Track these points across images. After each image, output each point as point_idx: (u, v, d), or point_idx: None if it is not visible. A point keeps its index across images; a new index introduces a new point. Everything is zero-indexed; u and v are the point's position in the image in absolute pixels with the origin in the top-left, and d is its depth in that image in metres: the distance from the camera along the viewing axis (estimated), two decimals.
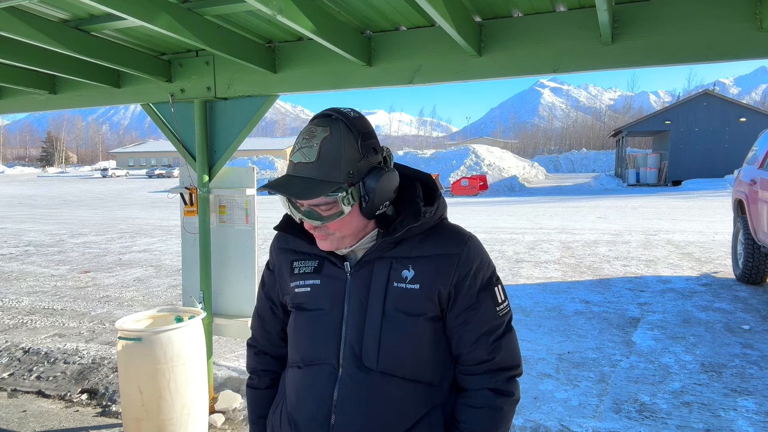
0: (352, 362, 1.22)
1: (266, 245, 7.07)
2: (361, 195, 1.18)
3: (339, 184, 1.15)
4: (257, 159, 48.07)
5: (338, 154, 1.14)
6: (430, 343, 1.24)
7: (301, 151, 1.16)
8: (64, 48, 2.89)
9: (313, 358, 1.27)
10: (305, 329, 1.29)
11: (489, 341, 1.25)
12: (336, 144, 1.14)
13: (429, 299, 1.22)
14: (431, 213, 1.25)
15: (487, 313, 1.25)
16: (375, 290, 1.23)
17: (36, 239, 12.92)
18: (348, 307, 1.24)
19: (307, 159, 1.15)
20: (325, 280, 1.27)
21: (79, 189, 38.77)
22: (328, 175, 1.14)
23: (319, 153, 1.14)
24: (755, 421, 3.53)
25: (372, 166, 1.18)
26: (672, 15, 2.53)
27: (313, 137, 1.15)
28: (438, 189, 1.32)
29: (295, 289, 1.31)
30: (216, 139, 3.59)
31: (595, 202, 21.37)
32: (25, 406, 3.95)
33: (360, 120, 1.19)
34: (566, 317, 5.88)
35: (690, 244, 10.64)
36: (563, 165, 55.80)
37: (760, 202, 6.54)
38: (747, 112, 31.13)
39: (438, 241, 1.25)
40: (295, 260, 1.33)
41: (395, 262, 1.24)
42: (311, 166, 1.14)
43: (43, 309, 6.67)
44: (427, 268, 1.23)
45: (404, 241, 1.24)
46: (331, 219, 1.18)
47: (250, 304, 3.64)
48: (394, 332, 1.21)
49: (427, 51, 2.96)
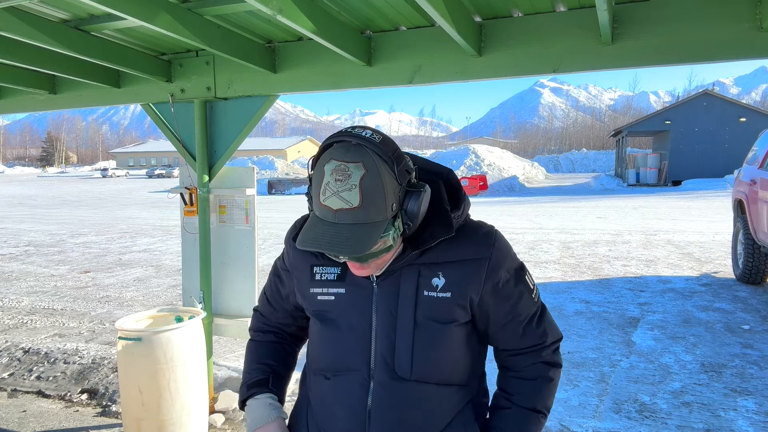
0: (384, 372, 1.19)
1: (266, 245, 7.06)
2: (404, 222, 1.11)
3: (386, 221, 1.07)
4: (257, 159, 48.06)
5: (381, 191, 1.04)
6: (462, 348, 1.24)
7: (339, 195, 1.03)
8: (64, 48, 2.88)
9: (341, 368, 1.23)
10: (331, 339, 1.25)
11: (535, 327, 1.28)
12: (376, 181, 1.04)
13: (461, 306, 1.21)
14: (459, 218, 1.21)
15: (527, 304, 1.27)
16: (404, 299, 1.19)
17: (36, 239, 12.92)
18: (376, 317, 1.20)
19: (350, 204, 1.03)
20: (350, 289, 1.22)
21: (79, 189, 38.77)
22: (375, 216, 1.05)
23: (361, 195, 1.03)
24: (755, 421, 3.53)
25: (406, 189, 1.11)
26: (672, 15, 2.53)
27: (348, 178, 1.03)
28: (461, 188, 1.24)
29: (318, 297, 1.25)
30: (216, 139, 3.59)
31: (595, 202, 21.37)
32: (25, 406, 3.94)
33: (387, 143, 1.08)
34: (566, 317, 5.88)
35: (690, 244, 10.64)
36: (563, 165, 55.78)
37: (760, 202, 6.54)
38: (747, 112, 31.11)
39: (465, 244, 1.21)
40: (316, 265, 1.26)
41: (423, 269, 1.20)
42: (356, 212, 1.03)
43: (43, 309, 6.67)
44: (457, 274, 1.20)
45: (431, 247, 1.20)
46: (378, 255, 1.12)
47: (250, 304, 3.64)
48: (427, 341, 1.19)
49: (427, 51, 2.96)
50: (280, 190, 30.48)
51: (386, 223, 1.07)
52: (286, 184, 30.95)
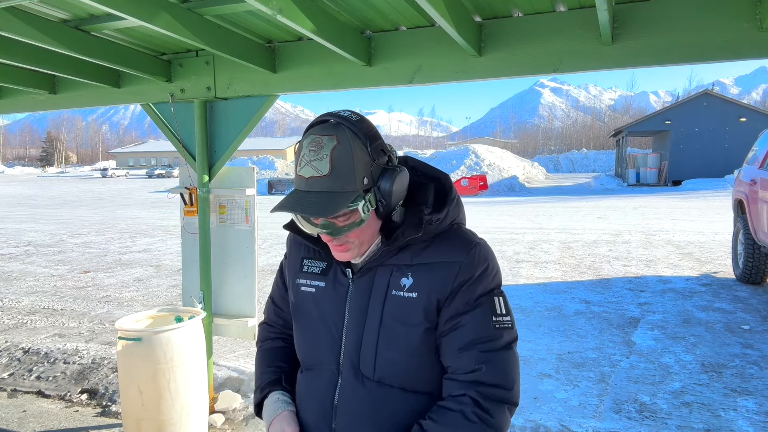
0: (350, 370, 1.20)
1: (266, 245, 7.06)
2: (378, 199, 1.15)
3: (356, 192, 1.11)
4: (257, 159, 48.11)
5: (351, 162, 1.10)
6: (428, 355, 1.19)
7: (311, 164, 1.10)
8: (64, 48, 2.88)
9: (313, 362, 1.26)
10: (306, 333, 1.29)
11: (478, 351, 1.15)
12: (347, 152, 1.09)
13: (426, 309, 1.17)
14: (438, 221, 1.19)
15: (481, 321, 1.16)
16: (375, 298, 1.20)
17: (36, 239, 12.92)
18: (348, 314, 1.22)
19: (320, 172, 1.09)
20: (330, 284, 1.26)
21: (79, 189, 38.77)
22: (345, 186, 1.10)
23: (331, 164, 1.09)
24: (755, 421, 3.53)
25: (383, 167, 1.15)
26: (672, 15, 2.53)
27: (321, 148, 1.09)
28: (452, 193, 1.24)
29: (301, 288, 1.30)
30: (216, 139, 3.59)
31: (595, 202, 21.37)
32: (25, 406, 3.94)
33: (363, 122, 1.15)
34: (566, 317, 5.88)
35: (690, 244, 10.64)
36: (563, 165, 55.77)
37: (760, 202, 6.54)
38: (747, 112, 31.11)
39: (441, 248, 1.19)
40: (306, 257, 1.32)
41: (396, 270, 1.20)
42: (326, 179, 1.09)
43: (43, 309, 6.67)
44: (427, 276, 1.17)
45: (408, 248, 1.20)
46: (350, 229, 1.14)
47: (250, 304, 3.64)
48: (391, 342, 1.18)
49: (427, 51, 2.96)
50: (280, 190, 30.49)
51: (356, 194, 1.11)
52: (286, 184, 30.95)
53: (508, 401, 1.15)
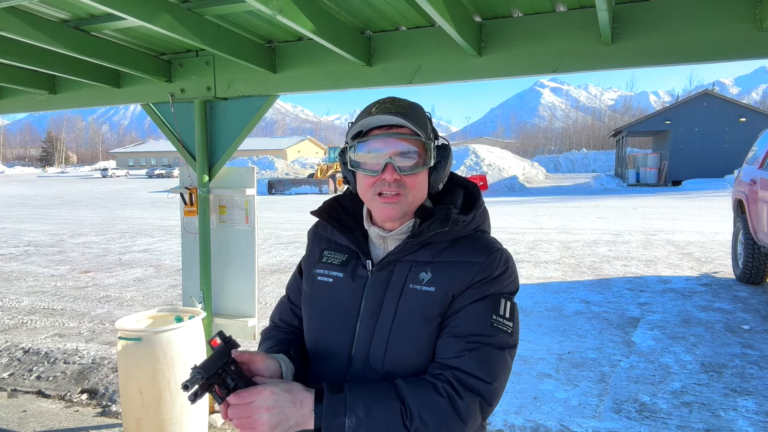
0: (360, 361, 1.22)
1: (266, 245, 7.08)
2: (436, 160, 1.24)
3: (427, 135, 1.21)
4: (257, 159, 48.09)
5: (423, 116, 1.23)
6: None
7: (392, 103, 1.20)
8: (64, 48, 2.88)
9: (324, 351, 1.27)
10: (320, 320, 1.29)
11: (466, 341, 1.14)
12: (420, 108, 1.24)
13: (442, 304, 1.18)
14: (464, 223, 1.22)
15: (479, 315, 1.15)
16: (391, 291, 1.21)
17: (36, 239, 12.92)
18: (365, 306, 1.23)
19: (400, 109, 1.19)
20: (348, 276, 1.27)
21: (79, 189, 38.76)
22: (419, 126, 1.19)
23: (410, 106, 1.21)
24: (755, 421, 3.53)
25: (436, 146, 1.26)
26: (672, 15, 2.53)
27: (397, 99, 1.22)
28: (480, 200, 1.29)
29: (317, 277, 1.31)
30: (216, 139, 3.59)
31: (595, 202, 21.37)
32: (25, 406, 3.95)
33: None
34: (566, 317, 5.88)
35: (690, 244, 10.64)
36: (563, 165, 55.76)
37: (760, 202, 6.54)
38: (747, 112, 31.11)
39: (464, 249, 1.21)
40: (326, 249, 1.34)
41: (415, 266, 1.22)
42: (406, 114, 1.18)
43: (43, 309, 6.67)
44: (447, 272, 1.19)
45: (429, 246, 1.22)
46: (416, 169, 1.20)
47: (250, 304, 3.64)
48: (403, 337, 1.19)
49: (427, 51, 2.95)
50: (280, 190, 30.47)
51: (426, 136, 1.21)
52: (286, 184, 30.93)
53: (483, 395, 1.12)
